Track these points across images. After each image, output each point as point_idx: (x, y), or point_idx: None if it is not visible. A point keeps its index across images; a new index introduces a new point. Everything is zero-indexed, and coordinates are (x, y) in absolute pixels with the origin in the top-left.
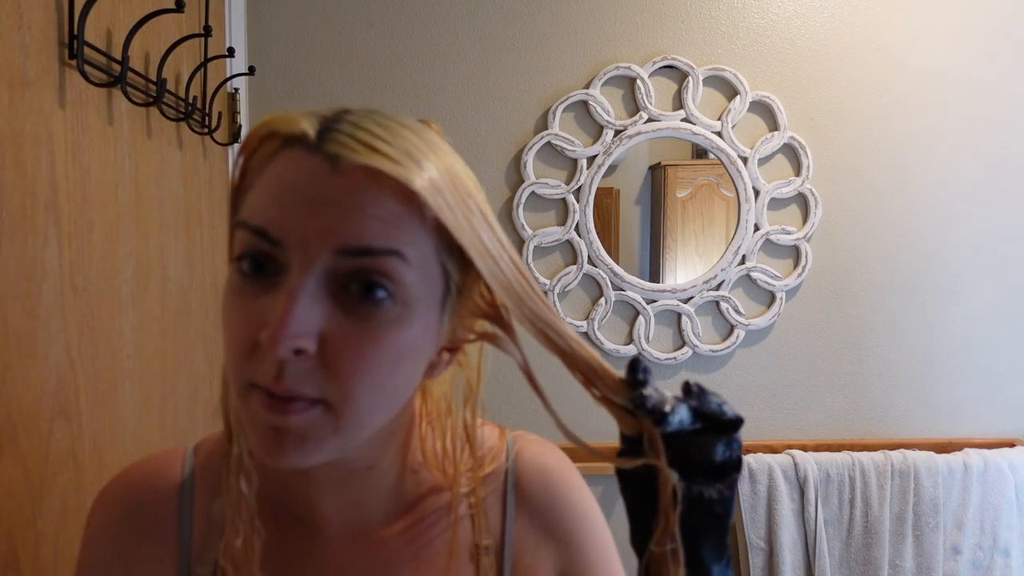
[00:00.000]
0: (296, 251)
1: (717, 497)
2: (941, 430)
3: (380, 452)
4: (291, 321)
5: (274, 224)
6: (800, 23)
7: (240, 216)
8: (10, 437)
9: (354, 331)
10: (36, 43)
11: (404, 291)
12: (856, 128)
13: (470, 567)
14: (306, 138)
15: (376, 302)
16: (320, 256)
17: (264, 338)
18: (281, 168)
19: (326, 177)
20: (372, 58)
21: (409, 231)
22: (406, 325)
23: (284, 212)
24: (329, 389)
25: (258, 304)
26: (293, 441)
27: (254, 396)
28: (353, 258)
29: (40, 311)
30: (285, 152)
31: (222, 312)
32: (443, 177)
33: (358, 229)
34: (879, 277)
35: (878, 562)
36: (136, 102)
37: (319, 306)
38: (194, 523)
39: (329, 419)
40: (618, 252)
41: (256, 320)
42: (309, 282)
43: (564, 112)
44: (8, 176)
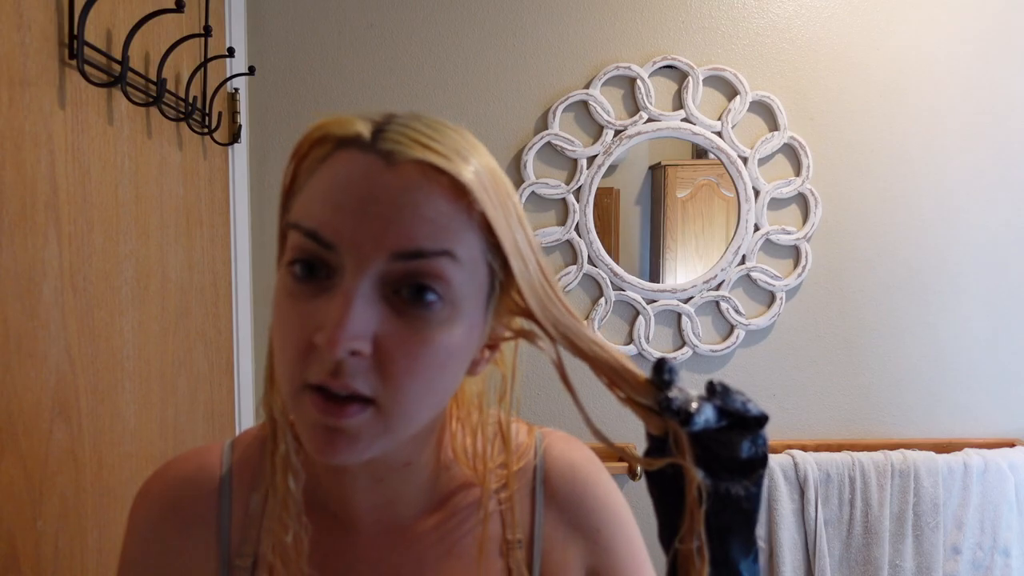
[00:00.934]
0: (350, 254)
1: (744, 494)
2: (941, 430)
3: (418, 449)
4: (348, 323)
5: (327, 227)
6: (800, 23)
7: (292, 218)
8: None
9: (406, 333)
10: (36, 43)
11: (453, 291)
12: (856, 128)
13: (500, 562)
14: (361, 138)
15: (427, 304)
16: (374, 260)
17: (321, 340)
18: (335, 169)
19: (380, 174)
20: (372, 58)
21: (459, 230)
22: (455, 325)
23: (337, 214)
24: (381, 389)
25: (312, 307)
26: (345, 440)
27: (307, 397)
28: (406, 261)
29: (40, 311)
30: (339, 154)
31: (274, 314)
32: (487, 175)
33: (409, 231)
34: (879, 277)
35: (878, 562)
36: (136, 102)
37: (373, 309)
38: (233, 516)
39: (379, 419)
40: (618, 252)
41: (310, 323)
42: (364, 285)
43: (564, 112)
44: (8, 176)
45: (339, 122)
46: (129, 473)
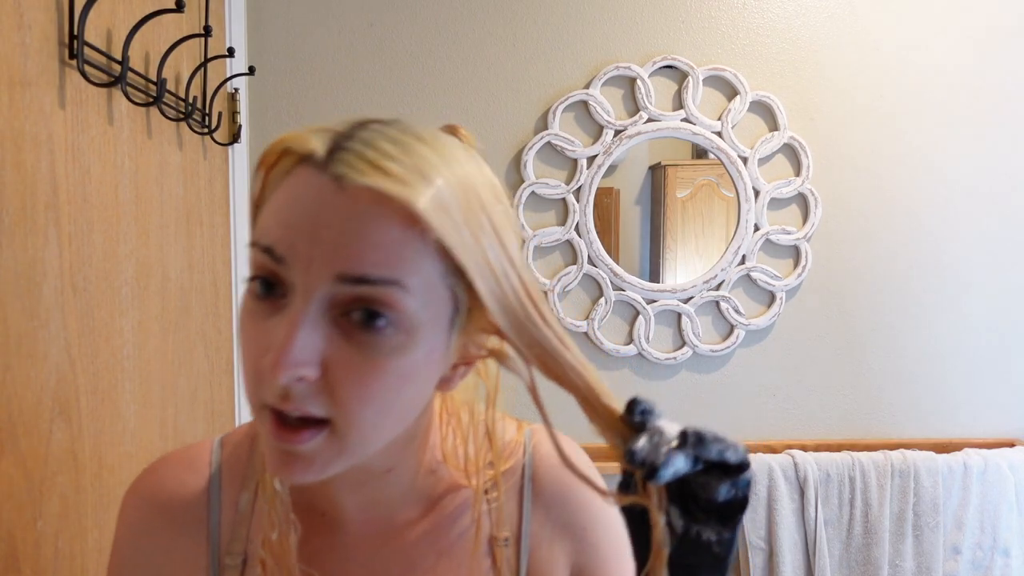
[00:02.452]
0: (300, 273)
1: (716, 539)
2: (941, 430)
3: (399, 455)
4: (291, 349)
5: (281, 243)
6: (800, 23)
7: (252, 235)
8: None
9: (355, 359)
10: (36, 43)
11: (406, 319)
12: (856, 128)
13: (487, 560)
14: (315, 156)
15: (376, 330)
16: (321, 281)
17: (265, 365)
18: (292, 186)
19: (331, 197)
20: (372, 58)
21: (412, 258)
22: (409, 351)
23: (289, 232)
24: (334, 411)
25: (267, 326)
26: (300, 463)
27: (265, 416)
28: (352, 286)
29: (40, 311)
30: (298, 169)
31: (239, 333)
32: (453, 192)
33: (357, 257)
34: (879, 277)
35: (878, 562)
36: (136, 102)
37: (320, 332)
38: (223, 515)
39: (334, 442)
40: (618, 252)
41: (264, 343)
42: (311, 308)
43: (564, 112)
44: (8, 176)
45: (298, 136)
46: (129, 473)
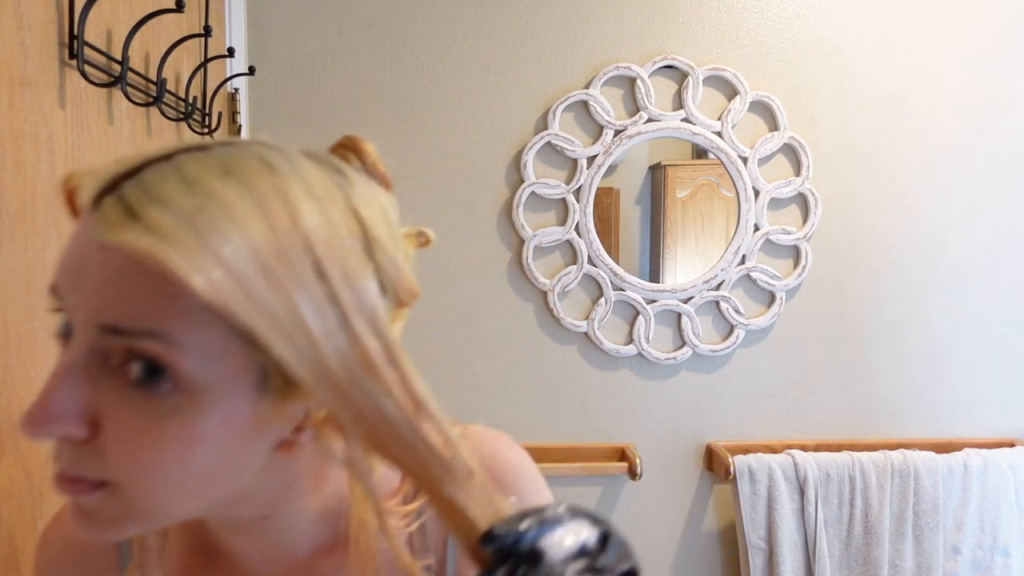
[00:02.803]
0: (72, 317)
1: None
2: (941, 430)
3: (272, 505)
4: (47, 403)
5: (60, 285)
6: (800, 23)
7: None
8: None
9: (128, 418)
10: (36, 43)
11: (184, 378)
12: (856, 128)
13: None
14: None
15: (152, 388)
16: (84, 329)
17: (20, 421)
18: (76, 226)
19: (92, 247)
20: (372, 58)
21: (180, 314)
22: (193, 414)
23: (63, 274)
24: (108, 474)
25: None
26: (85, 517)
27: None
28: (112, 336)
29: (40, 311)
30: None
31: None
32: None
33: (111, 307)
34: (879, 277)
35: (878, 562)
36: (136, 102)
37: (89, 384)
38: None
39: (116, 502)
40: (618, 252)
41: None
42: (79, 355)
43: (564, 112)
44: (8, 176)
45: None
46: None
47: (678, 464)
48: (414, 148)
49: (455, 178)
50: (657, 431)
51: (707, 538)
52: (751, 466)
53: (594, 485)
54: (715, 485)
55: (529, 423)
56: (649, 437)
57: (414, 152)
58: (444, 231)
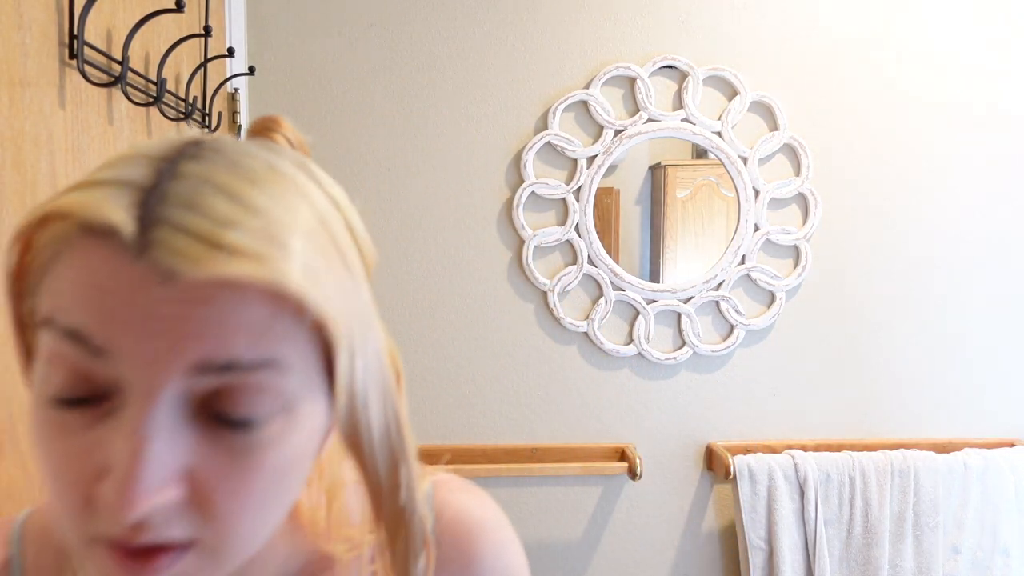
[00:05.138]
0: (134, 368)
1: None
2: (941, 430)
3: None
4: (143, 474)
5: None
6: (800, 23)
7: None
8: (10, 437)
9: (229, 463)
10: (36, 43)
11: (284, 400)
12: (856, 128)
13: None
14: (117, 234)
15: (252, 425)
16: (170, 376)
17: (110, 496)
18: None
19: (161, 291)
20: (372, 58)
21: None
22: (289, 436)
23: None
24: (204, 529)
25: (88, 441)
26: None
27: (101, 551)
28: (216, 375)
29: None
30: (86, 243)
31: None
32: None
33: (220, 342)
34: (879, 277)
35: (878, 562)
36: (136, 102)
37: (177, 439)
38: None
39: (205, 559)
40: (618, 252)
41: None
42: (161, 412)
43: (564, 112)
44: (8, 176)
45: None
46: None
47: (678, 464)
48: (414, 148)
49: (455, 178)
50: (657, 431)
51: (707, 538)
52: (751, 466)
53: (594, 485)
54: (715, 485)
55: (529, 423)
56: (649, 437)
57: (414, 152)
58: (444, 231)
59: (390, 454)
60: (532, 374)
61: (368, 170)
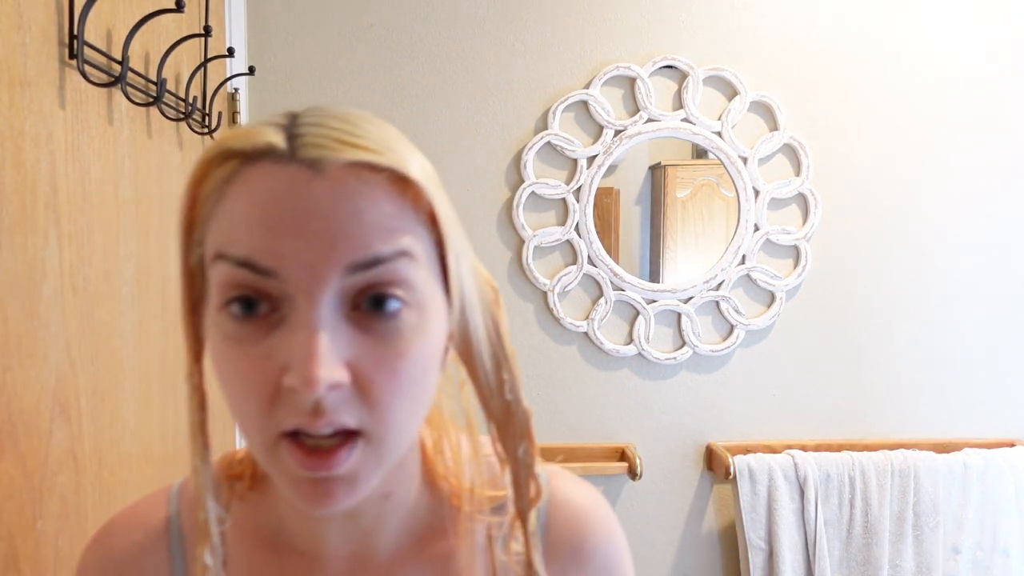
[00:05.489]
0: (297, 278)
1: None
2: (941, 430)
3: (397, 478)
4: (320, 356)
5: (262, 251)
6: (800, 23)
7: (214, 248)
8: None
9: (380, 351)
10: (36, 43)
11: (417, 294)
12: (856, 128)
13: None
14: (274, 149)
15: (393, 315)
16: (328, 279)
17: (294, 382)
18: (250, 187)
19: (310, 186)
20: (372, 58)
21: (411, 227)
22: (425, 328)
23: (270, 237)
24: (367, 418)
25: (266, 347)
26: (342, 486)
27: (286, 449)
28: (364, 272)
29: (40, 311)
30: (248, 170)
31: (219, 365)
32: (422, 162)
33: (362, 239)
34: (879, 277)
35: (878, 562)
36: (136, 102)
37: (340, 333)
38: (187, 569)
39: (371, 452)
40: (618, 252)
41: (269, 365)
42: (323, 309)
43: (564, 112)
44: (8, 176)
45: (242, 134)
46: (129, 473)
47: (678, 464)
48: None
49: (455, 178)
50: (657, 431)
51: (707, 538)
52: (751, 466)
53: (594, 485)
54: (715, 485)
55: None
56: (649, 437)
57: None
58: None
59: (493, 356)
60: (532, 374)
61: None
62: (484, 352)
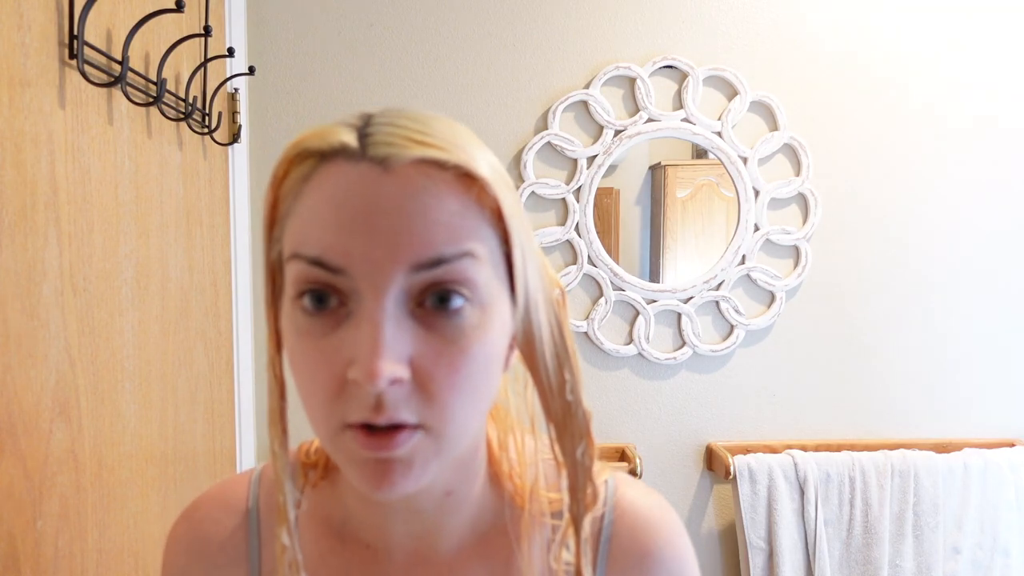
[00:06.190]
0: (365, 275)
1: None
2: (941, 430)
3: (460, 475)
4: (383, 351)
5: (333, 250)
6: (800, 23)
7: (290, 247)
8: (10, 437)
9: (441, 347)
10: (36, 43)
11: (480, 293)
12: (856, 128)
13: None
14: (347, 148)
15: (456, 312)
16: (393, 276)
17: (358, 375)
18: (325, 186)
19: (379, 183)
20: (372, 58)
21: (475, 226)
22: (488, 326)
23: (341, 235)
24: (427, 413)
25: (335, 341)
26: (400, 470)
27: (349, 435)
28: (428, 271)
29: (40, 311)
30: (323, 169)
31: (292, 357)
32: (491, 161)
33: (426, 238)
34: (879, 276)
35: (878, 562)
36: (136, 102)
37: (403, 329)
38: (263, 553)
39: (430, 442)
40: (618, 252)
41: (337, 359)
42: (388, 305)
43: (564, 112)
44: (8, 176)
45: (319, 134)
46: (129, 473)
47: (678, 464)
48: None
49: None
50: (657, 431)
51: (707, 538)
52: (751, 466)
53: None
54: (715, 485)
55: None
56: (649, 437)
57: None
58: None
59: (555, 356)
60: None
61: None
62: (547, 352)
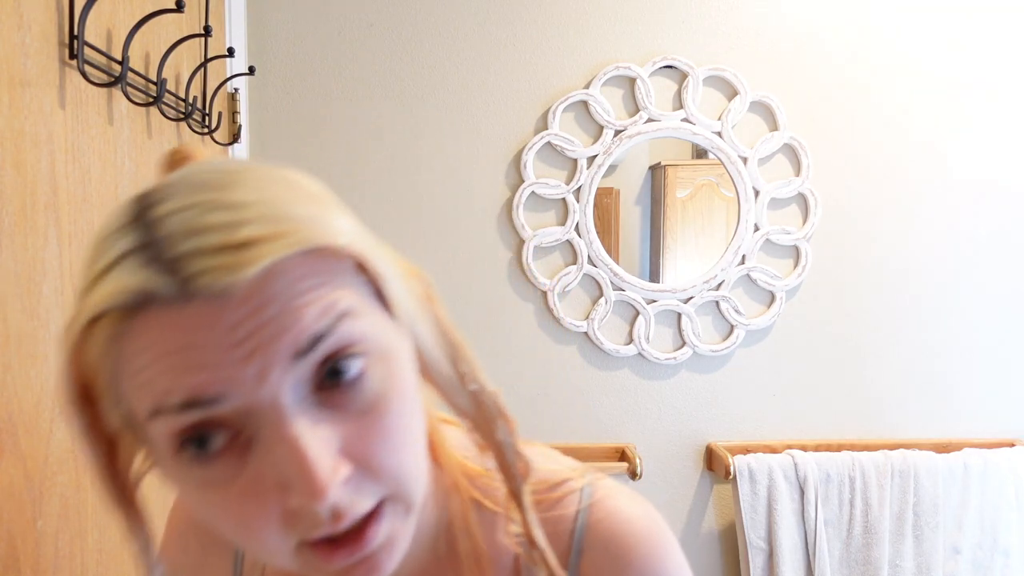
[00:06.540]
0: (250, 390)
1: None
2: (941, 430)
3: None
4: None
5: (202, 387)
6: (800, 23)
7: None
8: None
9: (363, 420)
10: (36, 43)
11: (373, 343)
12: (856, 128)
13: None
14: (157, 295)
15: (359, 379)
16: (280, 377)
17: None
18: (153, 338)
19: (221, 314)
20: (372, 58)
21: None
22: (395, 371)
23: (204, 371)
24: (381, 486)
25: (250, 476)
26: (383, 555)
27: (312, 552)
28: (311, 352)
29: (40, 311)
30: (138, 323)
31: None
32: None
33: (295, 325)
34: (879, 276)
35: (878, 562)
36: (136, 102)
37: (320, 423)
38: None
39: (399, 508)
40: (618, 252)
41: (264, 494)
42: (292, 410)
43: (564, 112)
44: (8, 176)
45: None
46: None
47: (678, 464)
48: (414, 148)
49: (455, 178)
50: (657, 431)
51: (707, 538)
52: (751, 466)
53: None
54: (715, 485)
55: (529, 423)
56: (649, 437)
57: (414, 152)
58: (444, 231)
59: (446, 355)
60: (532, 374)
61: (368, 170)
62: (437, 356)
